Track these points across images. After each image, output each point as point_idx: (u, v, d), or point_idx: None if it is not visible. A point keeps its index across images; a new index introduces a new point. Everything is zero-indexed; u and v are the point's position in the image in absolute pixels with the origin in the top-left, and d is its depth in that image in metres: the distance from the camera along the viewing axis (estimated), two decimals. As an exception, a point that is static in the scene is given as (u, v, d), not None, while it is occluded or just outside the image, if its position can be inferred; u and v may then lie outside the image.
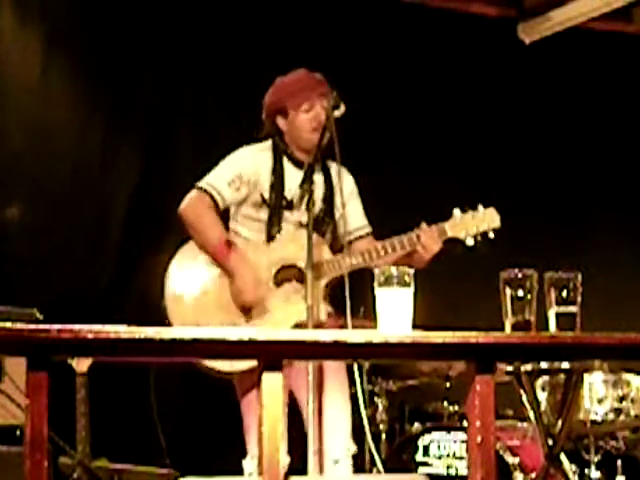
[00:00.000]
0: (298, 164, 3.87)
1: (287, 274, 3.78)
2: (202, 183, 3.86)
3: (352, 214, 3.93)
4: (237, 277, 3.72)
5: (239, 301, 3.73)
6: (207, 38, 5.69)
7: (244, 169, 3.86)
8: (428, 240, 3.77)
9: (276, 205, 3.81)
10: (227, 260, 3.75)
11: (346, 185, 3.88)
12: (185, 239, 3.87)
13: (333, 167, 3.89)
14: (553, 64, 6.42)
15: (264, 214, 3.83)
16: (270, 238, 3.82)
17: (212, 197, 3.82)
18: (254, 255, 3.78)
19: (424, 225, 3.80)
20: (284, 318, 3.70)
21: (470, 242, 3.82)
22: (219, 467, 2.68)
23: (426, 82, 6.12)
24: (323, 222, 3.83)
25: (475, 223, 3.82)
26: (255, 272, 3.74)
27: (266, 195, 3.83)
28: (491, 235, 3.83)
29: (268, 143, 3.91)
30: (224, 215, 3.91)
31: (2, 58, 5.37)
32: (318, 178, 3.86)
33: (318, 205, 3.80)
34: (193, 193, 3.85)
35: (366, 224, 4.00)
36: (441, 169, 6.09)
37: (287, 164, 3.88)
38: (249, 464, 3.72)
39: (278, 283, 3.78)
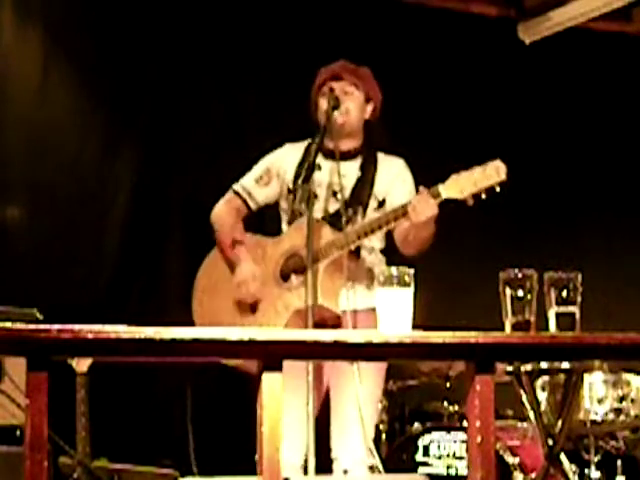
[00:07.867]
0: (329, 155, 3.81)
1: (293, 263, 3.79)
2: (235, 184, 3.96)
3: (397, 198, 3.78)
4: (236, 274, 3.83)
5: (239, 296, 3.82)
6: (208, 38, 5.68)
7: (272, 163, 3.93)
8: (420, 203, 3.54)
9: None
10: (230, 257, 3.88)
11: (387, 171, 3.85)
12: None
13: (379, 157, 3.89)
14: (553, 64, 6.42)
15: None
16: None
17: (242, 198, 3.93)
18: (267, 249, 3.84)
19: (420, 188, 3.62)
20: (284, 307, 3.74)
21: (470, 202, 3.56)
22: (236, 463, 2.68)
23: (426, 82, 6.12)
24: (345, 213, 3.73)
25: (474, 180, 3.56)
26: (254, 268, 3.81)
27: (291, 186, 3.85)
28: (497, 190, 3.55)
29: (308, 140, 3.91)
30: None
31: (2, 58, 5.36)
32: (348, 168, 3.79)
33: (344, 196, 3.75)
34: (226, 195, 3.97)
35: None
36: (440, 170, 6.07)
37: (318, 156, 3.80)
38: None
39: (286, 273, 3.80)
